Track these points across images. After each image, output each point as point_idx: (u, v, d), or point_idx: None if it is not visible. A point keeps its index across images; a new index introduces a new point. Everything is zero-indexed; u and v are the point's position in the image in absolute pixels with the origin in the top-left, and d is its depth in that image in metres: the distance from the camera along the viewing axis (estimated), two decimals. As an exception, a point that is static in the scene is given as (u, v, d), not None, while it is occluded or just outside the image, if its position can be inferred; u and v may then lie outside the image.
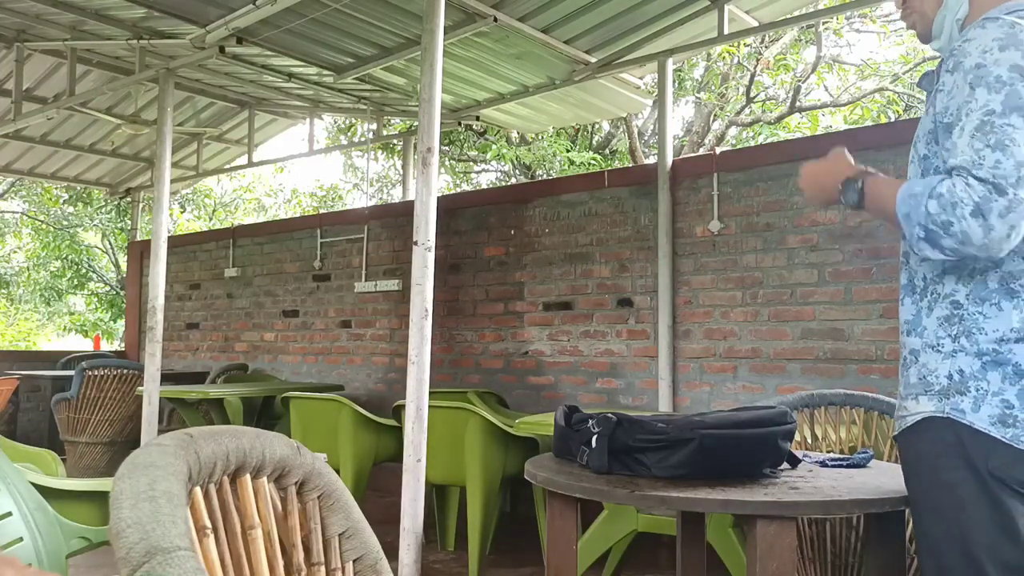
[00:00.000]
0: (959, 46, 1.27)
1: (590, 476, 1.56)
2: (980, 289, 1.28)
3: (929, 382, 1.32)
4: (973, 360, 1.27)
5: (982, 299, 1.28)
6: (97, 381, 5.83)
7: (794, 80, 9.61)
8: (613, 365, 4.64)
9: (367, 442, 4.06)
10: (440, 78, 3.17)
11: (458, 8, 4.12)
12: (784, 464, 1.65)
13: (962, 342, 1.29)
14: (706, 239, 4.33)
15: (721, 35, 4.47)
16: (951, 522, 1.28)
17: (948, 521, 1.29)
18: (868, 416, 2.47)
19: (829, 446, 2.45)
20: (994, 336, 1.26)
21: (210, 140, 7.41)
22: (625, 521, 3.09)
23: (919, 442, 1.34)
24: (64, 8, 4.65)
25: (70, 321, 16.64)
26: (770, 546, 1.36)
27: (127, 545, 0.68)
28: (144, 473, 0.77)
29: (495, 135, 9.99)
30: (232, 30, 4.27)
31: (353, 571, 1.10)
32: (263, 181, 16.21)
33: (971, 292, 1.29)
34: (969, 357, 1.28)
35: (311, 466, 1.08)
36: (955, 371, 1.29)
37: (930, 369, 1.33)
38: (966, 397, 1.27)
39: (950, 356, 1.30)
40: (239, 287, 6.95)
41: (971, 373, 1.27)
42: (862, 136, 4.50)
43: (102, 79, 5.84)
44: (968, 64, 1.23)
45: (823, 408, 2.50)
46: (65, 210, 14.51)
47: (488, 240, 5.30)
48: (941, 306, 1.32)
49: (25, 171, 7.83)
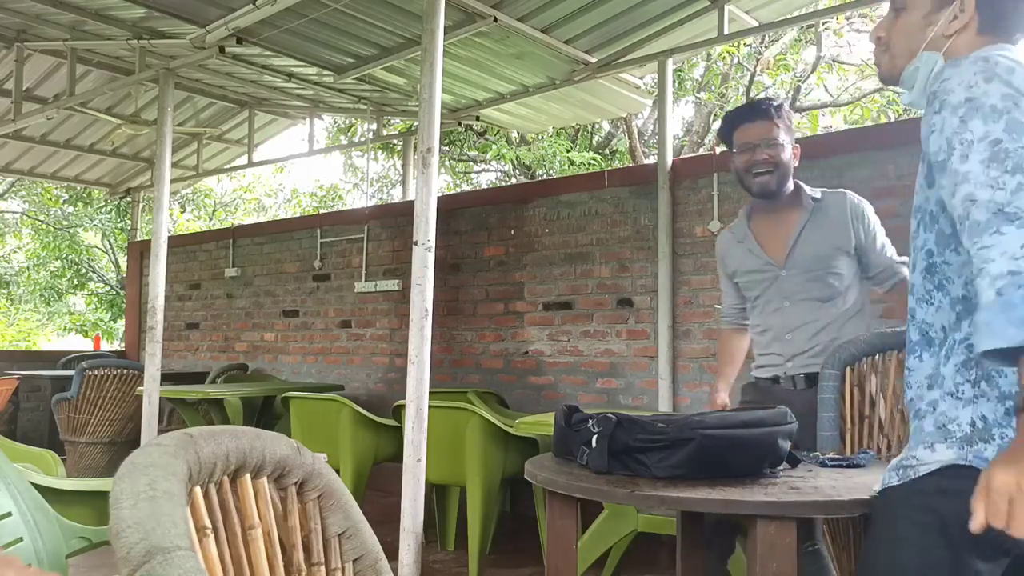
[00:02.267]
0: (940, 86, 1.23)
1: (590, 476, 1.56)
2: None
3: (949, 430, 1.23)
4: (996, 406, 1.20)
5: None
6: (97, 381, 5.83)
7: (794, 80, 9.61)
8: (613, 365, 4.64)
9: (367, 442, 4.06)
10: (440, 78, 3.18)
11: (458, 8, 4.12)
12: (784, 464, 1.65)
13: (983, 387, 1.21)
14: (706, 239, 4.32)
15: (721, 35, 4.47)
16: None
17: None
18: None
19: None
20: (1015, 379, 1.18)
21: (210, 140, 7.41)
22: (625, 521, 3.09)
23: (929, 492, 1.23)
24: (64, 8, 4.65)
25: (70, 321, 16.64)
26: (770, 546, 1.36)
27: (127, 545, 0.68)
28: (144, 473, 0.77)
29: (495, 135, 9.99)
30: (232, 30, 4.27)
31: (353, 571, 1.10)
32: (263, 181, 16.22)
33: None
34: (991, 403, 1.20)
35: (311, 466, 1.08)
36: (977, 417, 1.21)
37: (950, 417, 1.24)
38: (990, 445, 1.19)
39: (971, 402, 1.22)
40: (239, 287, 6.95)
41: (994, 420, 1.19)
42: (862, 136, 4.49)
43: (102, 79, 5.84)
44: (955, 100, 1.18)
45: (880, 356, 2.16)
46: (65, 210, 14.52)
47: (488, 240, 5.30)
48: (957, 352, 1.25)
49: (25, 171, 7.83)
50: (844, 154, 3.91)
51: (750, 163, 2.38)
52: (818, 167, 3.99)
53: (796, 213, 2.41)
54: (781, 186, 2.39)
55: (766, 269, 2.42)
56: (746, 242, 2.49)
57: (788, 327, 2.37)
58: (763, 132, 2.37)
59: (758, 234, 2.47)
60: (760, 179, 2.37)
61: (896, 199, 3.74)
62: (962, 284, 1.25)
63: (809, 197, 2.41)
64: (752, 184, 2.40)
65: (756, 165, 2.37)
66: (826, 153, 3.98)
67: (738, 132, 2.41)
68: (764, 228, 2.47)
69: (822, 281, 2.34)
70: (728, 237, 2.59)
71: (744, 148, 2.39)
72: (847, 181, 3.88)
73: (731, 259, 2.55)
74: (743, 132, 2.40)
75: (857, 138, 4.28)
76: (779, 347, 2.38)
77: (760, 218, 2.50)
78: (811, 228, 2.38)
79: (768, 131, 2.37)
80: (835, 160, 3.93)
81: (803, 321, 2.35)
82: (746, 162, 2.39)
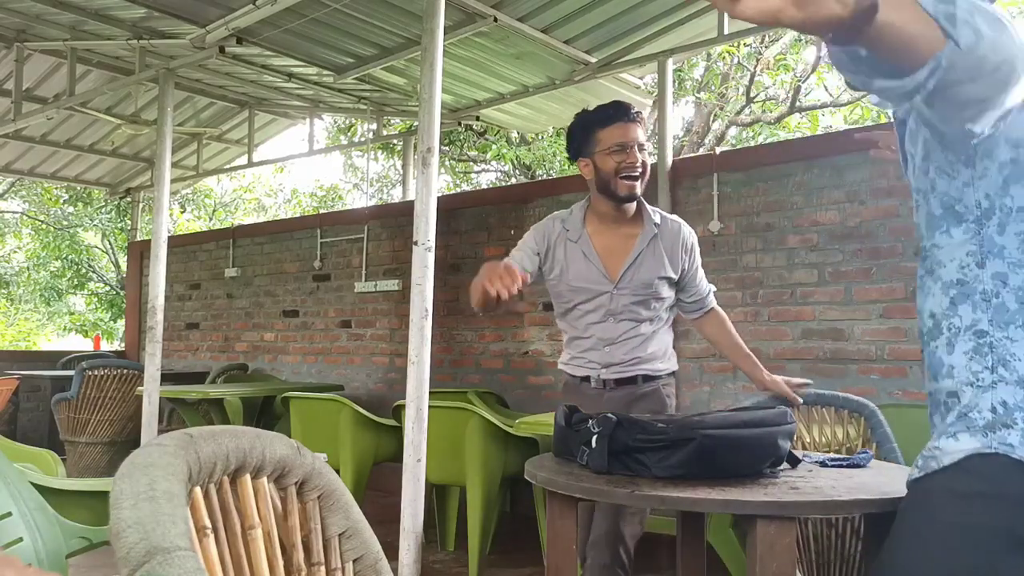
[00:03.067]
0: None
1: (590, 476, 1.56)
2: (1001, 312, 1.18)
3: (971, 418, 1.19)
4: (1016, 390, 1.16)
5: (1006, 323, 1.17)
6: (97, 381, 5.83)
7: (794, 80, 9.61)
8: (613, 365, 4.64)
9: (367, 442, 4.06)
10: (440, 78, 3.18)
11: (458, 8, 4.12)
12: (784, 464, 1.65)
13: (1000, 372, 1.17)
14: (706, 239, 4.32)
15: (721, 35, 4.48)
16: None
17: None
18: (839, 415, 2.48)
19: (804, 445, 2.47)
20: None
21: (210, 140, 7.41)
22: (625, 521, 3.09)
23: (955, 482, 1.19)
24: (64, 8, 4.65)
25: (70, 321, 16.64)
26: (770, 546, 1.36)
27: (127, 545, 0.68)
28: (144, 473, 0.77)
29: (495, 135, 9.99)
30: (232, 30, 4.27)
31: (353, 571, 1.10)
32: (263, 181, 16.22)
33: (992, 317, 1.18)
34: (1011, 387, 1.16)
35: (311, 466, 1.08)
36: (998, 403, 1.17)
37: (970, 405, 1.19)
38: (1013, 430, 1.15)
39: (990, 388, 1.18)
40: (239, 287, 6.95)
41: (1015, 404, 1.16)
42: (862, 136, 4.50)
43: (102, 79, 5.84)
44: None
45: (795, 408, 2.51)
46: (65, 210, 14.52)
47: (488, 240, 5.30)
48: (963, 340, 1.21)
49: (25, 171, 7.83)
50: (844, 154, 3.91)
51: (622, 165, 2.26)
52: (818, 167, 3.99)
53: (637, 233, 2.36)
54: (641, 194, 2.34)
55: (599, 282, 2.35)
56: (582, 244, 2.36)
57: (609, 340, 2.35)
58: (636, 135, 2.28)
59: (595, 243, 2.37)
60: (629, 183, 2.27)
61: (896, 199, 3.74)
62: (955, 267, 1.21)
63: (652, 221, 2.37)
64: (619, 187, 2.28)
65: (628, 168, 2.26)
66: (826, 153, 3.98)
67: (607, 132, 2.29)
68: (602, 240, 2.37)
69: (646, 304, 2.36)
70: (560, 227, 2.39)
71: (615, 149, 2.27)
72: (847, 181, 3.89)
73: (559, 252, 2.38)
74: (615, 132, 2.28)
75: (857, 138, 4.28)
76: (597, 356, 2.37)
77: (599, 227, 2.39)
78: (648, 252, 2.35)
79: (639, 135, 2.29)
80: (835, 160, 3.94)
81: (624, 337, 2.35)
82: (617, 163, 2.27)
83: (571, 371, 2.45)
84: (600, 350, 2.37)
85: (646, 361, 2.38)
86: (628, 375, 2.36)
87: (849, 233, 3.86)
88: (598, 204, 2.38)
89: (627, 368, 2.36)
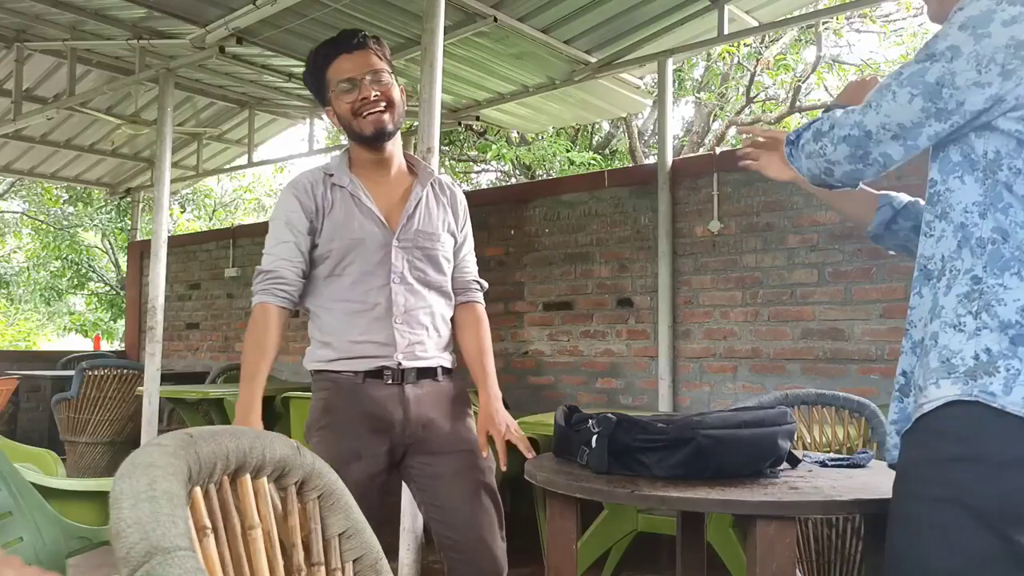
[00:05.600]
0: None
1: (590, 476, 1.56)
2: (997, 259, 1.19)
3: (953, 364, 1.18)
4: (999, 336, 1.15)
5: (1001, 269, 1.18)
6: (97, 381, 5.83)
7: (794, 80, 9.62)
8: (613, 365, 4.64)
9: (367, 442, 4.04)
10: (440, 78, 3.18)
11: (458, 8, 4.12)
12: (784, 464, 1.65)
13: (984, 318, 1.17)
14: (706, 239, 4.33)
15: (721, 35, 4.48)
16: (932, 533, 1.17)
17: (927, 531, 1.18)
18: (839, 415, 2.49)
19: (804, 445, 2.48)
20: (1016, 307, 1.16)
21: (210, 140, 7.40)
22: (625, 521, 3.09)
23: (932, 432, 1.20)
24: (64, 8, 4.65)
25: (70, 321, 16.65)
26: (770, 546, 1.36)
27: (127, 545, 0.68)
28: (144, 473, 0.77)
29: (495, 135, 9.99)
30: (232, 30, 4.27)
31: (353, 571, 1.10)
32: (263, 181, 16.21)
33: (987, 263, 1.19)
34: (995, 334, 1.16)
35: (311, 466, 1.08)
36: (981, 350, 1.16)
37: (953, 351, 1.19)
38: (995, 378, 1.14)
39: (974, 335, 1.17)
40: (239, 287, 6.94)
41: (999, 351, 1.15)
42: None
43: (102, 79, 5.84)
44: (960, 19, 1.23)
45: (795, 407, 2.52)
46: (65, 210, 14.52)
47: (488, 240, 5.30)
48: (960, 283, 1.21)
49: (25, 171, 7.83)
50: (844, 154, 3.90)
51: (356, 103, 1.90)
52: (818, 167, 3.99)
53: (412, 181, 2.01)
54: (396, 128, 1.96)
55: (378, 232, 1.91)
56: (351, 188, 1.94)
57: (399, 310, 1.91)
58: (365, 64, 1.91)
59: (368, 188, 1.96)
60: (373, 116, 1.89)
61: (896, 199, 3.74)
62: (961, 211, 1.24)
63: (427, 170, 2.05)
64: (364, 125, 1.90)
65: (365, 105, 1.89)
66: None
67: (332, 69, 1.93)
68: (374, 186, 1.97)
69: (435, 262, 1.97)
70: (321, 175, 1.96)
71: (345, 88, 1.91)
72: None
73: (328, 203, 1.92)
74: (341, 67, 1.92)
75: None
76: (383, 334, 1.89)
77: (367, 172, 1.98)
78: (429, 200, 2.00)
79: (371, 62, 1.92)
80: (835, 160, 3.93)
81: (416, 305, 1.94)
82: (352, 103, 1.90)
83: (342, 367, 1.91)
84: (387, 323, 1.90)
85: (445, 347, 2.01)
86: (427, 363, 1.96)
87: (849, 233, 3.86)
88: (356, 152, 2.00)
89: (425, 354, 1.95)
